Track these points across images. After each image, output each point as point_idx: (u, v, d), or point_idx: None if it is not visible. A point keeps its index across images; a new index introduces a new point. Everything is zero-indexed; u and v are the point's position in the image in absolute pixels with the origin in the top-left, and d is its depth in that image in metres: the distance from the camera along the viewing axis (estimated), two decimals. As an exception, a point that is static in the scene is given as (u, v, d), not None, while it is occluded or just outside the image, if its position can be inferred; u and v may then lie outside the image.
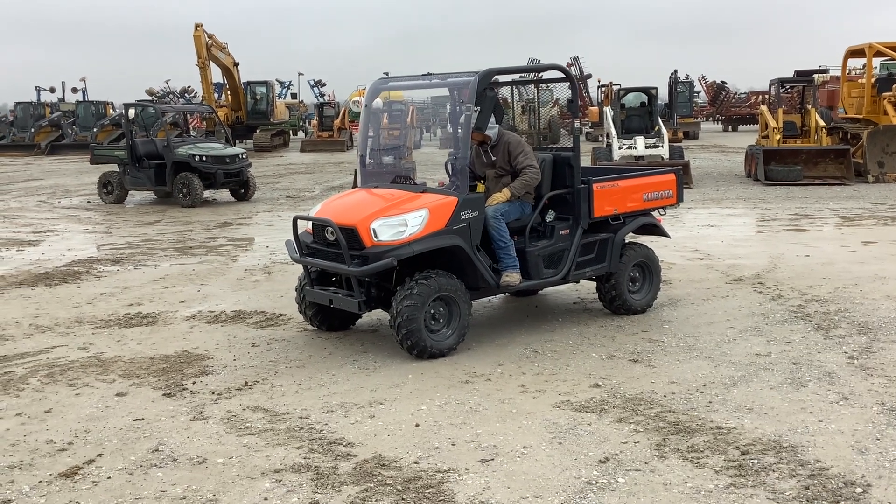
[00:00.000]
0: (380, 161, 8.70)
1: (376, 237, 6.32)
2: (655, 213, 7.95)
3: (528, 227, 6.96)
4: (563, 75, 7.49)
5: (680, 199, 7.99)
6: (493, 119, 7.08)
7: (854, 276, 9.01)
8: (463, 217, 6.50)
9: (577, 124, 7.33)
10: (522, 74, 14.90)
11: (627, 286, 7.57)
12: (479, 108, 6.68)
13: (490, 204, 6.79)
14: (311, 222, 6.87)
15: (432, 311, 6.41)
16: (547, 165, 7.28)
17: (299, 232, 6.98)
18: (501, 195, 6.85)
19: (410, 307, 6.23)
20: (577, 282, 7.66)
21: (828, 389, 5.58)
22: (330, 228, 6.50)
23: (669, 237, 8.62)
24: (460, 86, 6.97)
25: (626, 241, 7.71)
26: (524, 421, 5.17)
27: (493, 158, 7.12)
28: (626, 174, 7.72)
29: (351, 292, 6.60)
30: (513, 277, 6.72)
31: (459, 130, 6.94)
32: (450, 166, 7.18)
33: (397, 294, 6.34)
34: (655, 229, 7.98)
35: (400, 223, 6.35)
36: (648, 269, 7.76)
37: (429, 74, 7.32)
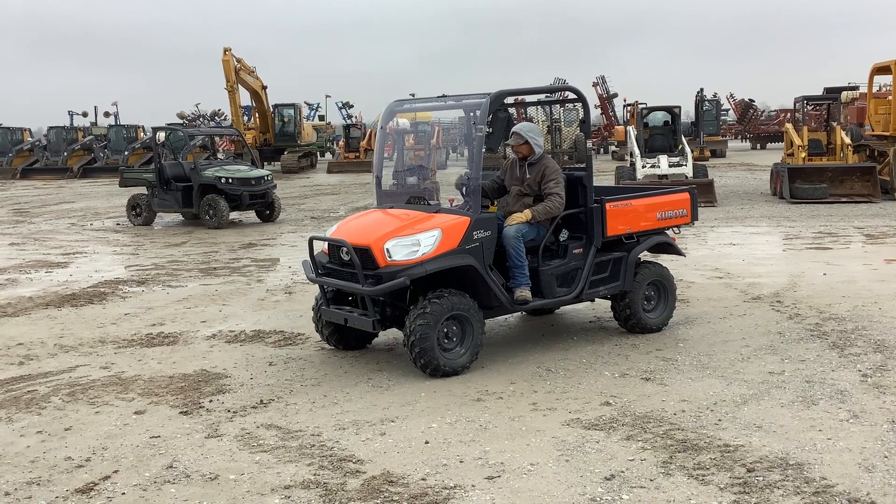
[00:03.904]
0: (403, 181, 8.81)
1: (390, 257, 6.42)
2: (670, 232, 7.98)
3: (541, 247, 7.02)
4: (576, 96, 7.55)
5: (695, 217, 8.01)
6: (540, 137, 7.20)
7: (874, 295, 8.96)
8: (475, 237, 6.58)
9: (590, 144, 7.39)
10: (548, 95, 15.04)
11: (642, 305, 7.59)
12: (490, 129, 6.77)
13: (510, 223, 6.86)
14: (327, 242, 6.99)
15: (445, 330, 6.48)
16: None
17: (316, 252, 7.10)
18: (522, 216, 6.90)
19: (424, 326, 6.31)
20: (592, 300, 7.69)
21: (839, 407, 5.57)
22: (345, 248, 6.61)
23: (684, 255, 8.63)
24: (474, 107, 7.06)
25: (642, 260, 7.74)
26: (533, 438, 5.21)
27: (528, 176, 7.18)
28: (639, 193, 7.76)
29: (366, 312, 6.69)
30: (525, 293, 6.77)
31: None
32: (463, 187, 7.26)
33: (411, 313, 6.42)
34: (670, 248, 8.00)
35: (413, 243, 6.45)
36: (663, 287, 7.77)
37: (444, 96, 7.44)
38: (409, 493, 4.48)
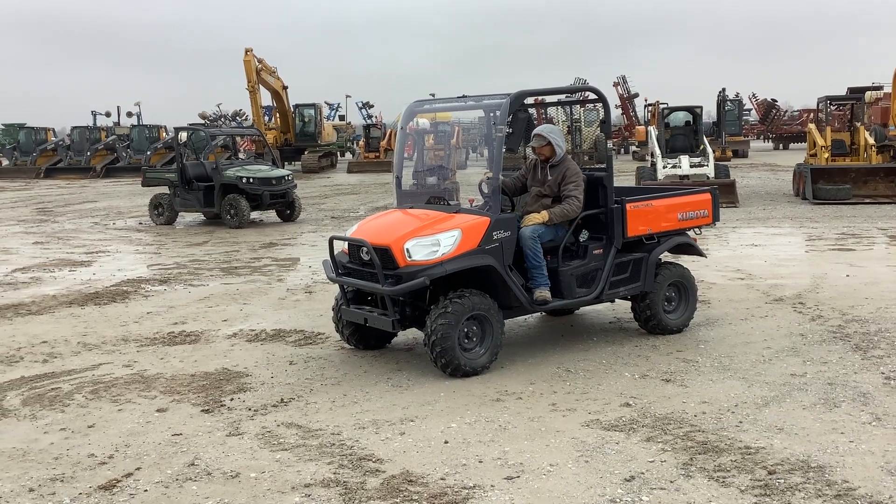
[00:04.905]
0: (423, 182, 8.83)
1: (410, 257, 6.43)
2: (692, 233, 7.95)
3: (561, 247, 7.01)
4: (597, 97, 7.53)
5: (716, 218, 7.97)
6: (562, 139, 7.20)
7: (898, 296, 8.88)
8: (495, 237, 6.58)
9: (610, 144, 7.37)
10: (568, 95, 14.99)
11: (663, 306, 7.55)
12: (511, 129, 6.77)
13: (526, 224, 6.86)
14: (347, 242, 7.02)
15: (466, 330, 6.49)
16: None
17: (336, 252, 7.13)
18: (539, 216, 6.90)
19: (445, 325, 6.32)
20: (612, 301, 7.67)
21: (861, 410, 5.53)
22: (365, 248, 6.64)
23: (705, 256, 8.59)
24: (494, 107, 7.05)
25: (663, 261, 7.71)
26: (552, 439, 5.21)
27: (549, 178, 7.18)
28: (660, 194, 7.72)
29: (385, 311, 6.71)
30: (544, 293, 6.78)
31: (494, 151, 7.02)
32: (484, 186, 7.27)
33: (432, 313, 6.44)
34: (691, 249, 7.96)
35: (433, 243, 6.46)
36: (684, 288, 7.73)
37: (464, 97, 7.45)
38: (428, 492, 4.50)
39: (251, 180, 17.59)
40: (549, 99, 9.58)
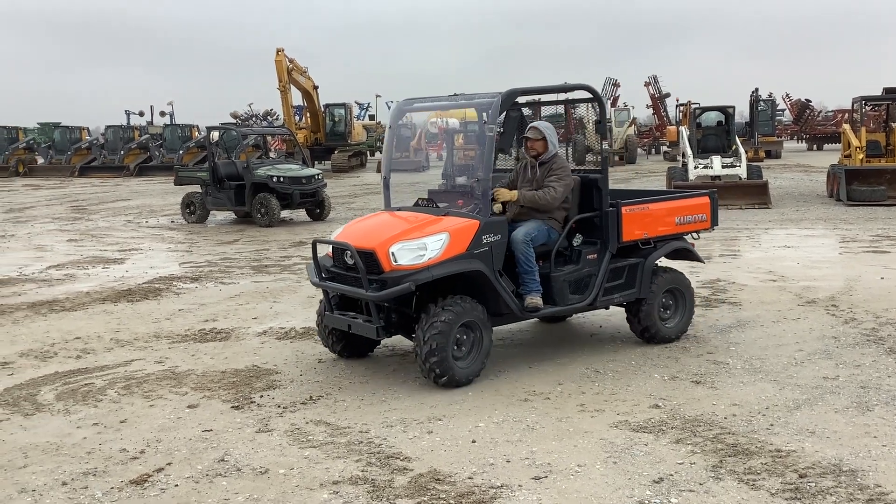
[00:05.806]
0: (453, 182, 8.78)
1: (395, 261, 6.17)
2: (689, 238, 7.73)
3: (553, 252, 6.79)
4: (591, 95, 7.31)
5: (715, 223, 7.72)
6: (556, 138, 7.05)
7: (934, 299, 8.74)
8: (484, 241, 6.35)
9: (604, 146, 7.19)
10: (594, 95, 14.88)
11: (659, 313, 7.33)
12: (502, 128, 6.60)
13: (497, 196, 6.60)
14: (331, 246, 6.78)
15: (456, 339, 6.24)
16: (574, 188, 7.07)
17: (320, 256, 6.88)
18: (509, 194, 6.65)
19: (438, 336, 6.07)
20: (606, 308, 7.47)
21: (895, 414, 5.45)
22: (349, 252, 6.40)
23: (704, 262, 8.40)
24: (486, 106, 6.73)
25: (659, 266, 7.46)
26: (580, 440, 5.19)
27: (538, 174, 6.96)
28: (657, 197, 7.55)
29: (370, 318, 6.48)
30: (535, 300, 6.57)
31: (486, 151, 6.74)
32: (476, 188, 7.04)
33: (421, 323, 6.17)
34: (689, 254, 7.73)
35: (419, 247, 6.21)
36: (681, 294, 7.48)
37: (456, 95, 7.25)
38: (455, 491, 4.50)
39: (282, 179, 17.72)
40: (575, 96, 9.44)
